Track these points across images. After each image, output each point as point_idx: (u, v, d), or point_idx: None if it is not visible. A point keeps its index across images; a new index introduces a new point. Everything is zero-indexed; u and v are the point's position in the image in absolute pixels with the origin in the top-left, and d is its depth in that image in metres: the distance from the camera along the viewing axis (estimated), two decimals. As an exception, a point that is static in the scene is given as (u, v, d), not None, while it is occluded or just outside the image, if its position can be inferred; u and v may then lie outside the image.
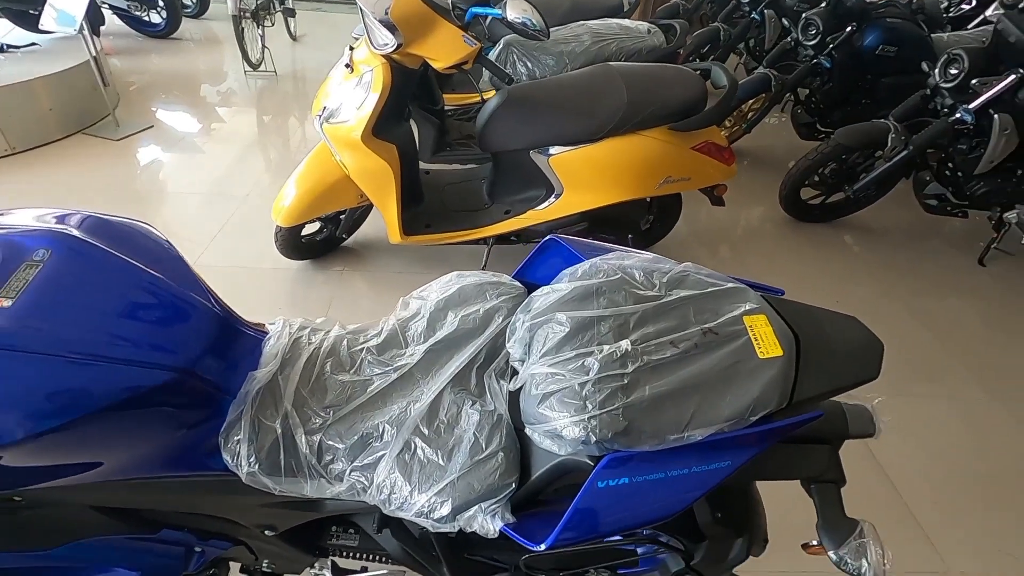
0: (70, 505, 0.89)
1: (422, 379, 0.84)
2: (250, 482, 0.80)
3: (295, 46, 5.60)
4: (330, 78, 2.26)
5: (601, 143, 2.17)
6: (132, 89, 4.41)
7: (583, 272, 0.80)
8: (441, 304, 0.91)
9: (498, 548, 1.07)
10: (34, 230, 0.78)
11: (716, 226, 3.19)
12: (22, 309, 0.69)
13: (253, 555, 1.12)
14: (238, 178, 3.29)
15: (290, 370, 0.84)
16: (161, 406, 0.76)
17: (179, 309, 0.79)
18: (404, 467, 0.76)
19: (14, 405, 0.66)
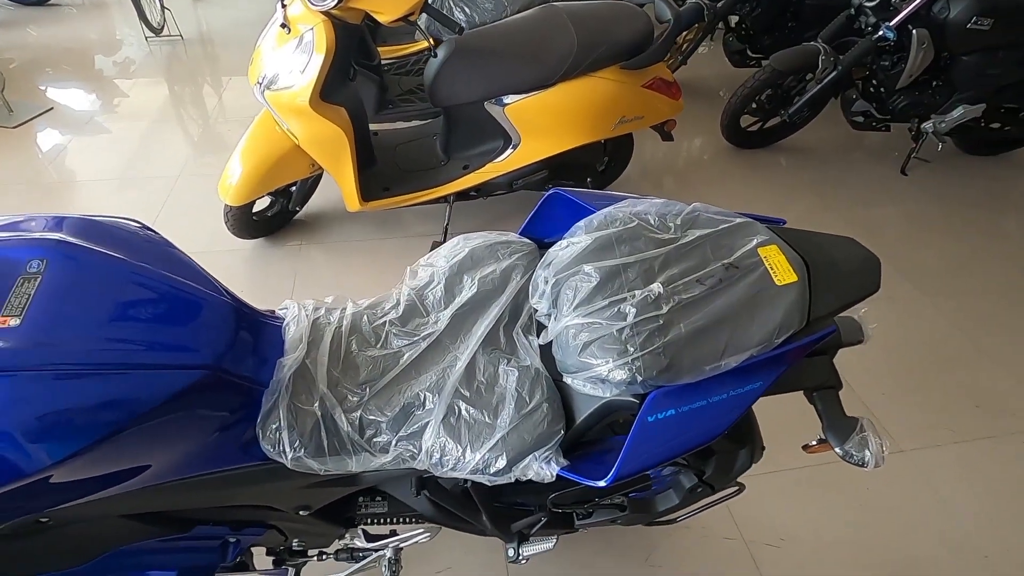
0: (99, 518, 0.87)
1: (452, 344, 0.85)
2: (295, 467, 0.80)
3: (197, 5, 5.10)
4: (263, 40, 2.10)
5: (555, 88, 2.16)
6: (13, 67, 3.92)
7: (599, 223, 0.82)
8: (455, 268, 0.92)
9: (523, 492, 1.13)
10: (21, 240, 0.72)
11: (662, 161, 3.27)
12: (33, 327, 0.65)
13: (283, 537, 1.13)
14: (162, 157, 3.05)
15: (316, 352, 0.84)
16: (194, 406, 0.74)
17: (195, 306, 0.76)
18: (451, 430, 0.79)
19: (49, 427, 0.63)
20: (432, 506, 1.09)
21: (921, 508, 1.69)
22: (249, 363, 0.79)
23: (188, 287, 0.77)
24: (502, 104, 2.19)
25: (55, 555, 0.87)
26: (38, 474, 0.65)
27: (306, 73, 1.88)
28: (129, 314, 0.71)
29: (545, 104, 2.17)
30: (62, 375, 0.64)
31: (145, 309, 0.72)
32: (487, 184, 2.40)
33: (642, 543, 1.59)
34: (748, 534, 1.62)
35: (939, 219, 2.88)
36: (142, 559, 0.96)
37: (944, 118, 2.87)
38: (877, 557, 1.58)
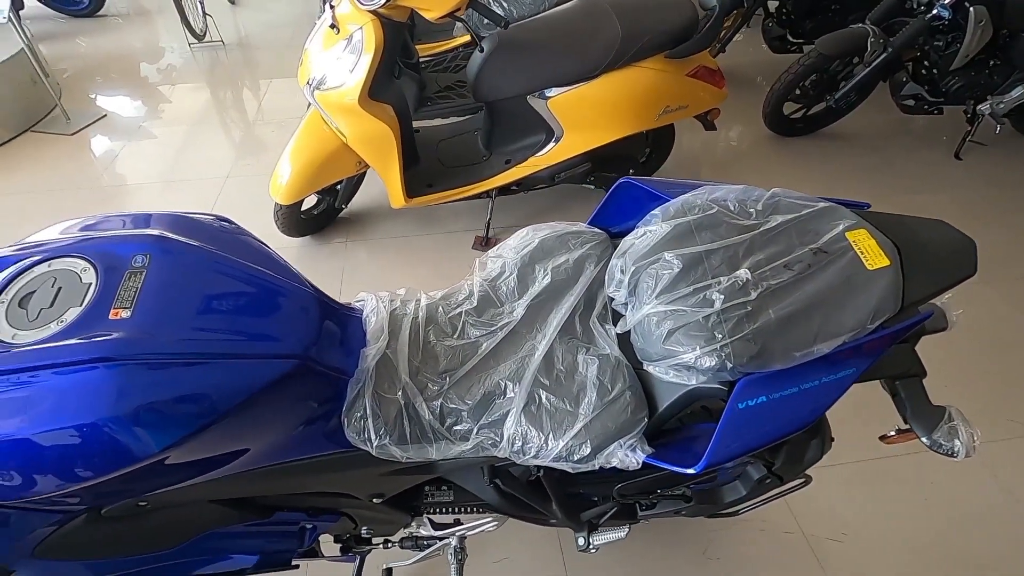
0: (191, 503, 0.91)
1: (528, 334, 0.86)
2: (380, 454, 0.82)
3: (235, 10, 5.23)
4: (311, 43, 2.14)
5: (598, 80, 2.15)
6: (66, 76, 4.08)
7: (676, 210, 0.82)
8: (526, 259, 0.93)
9: (589, 483, 1.13)
10: (125, 237, 0.75)
11: (700, 151, 3.22)
12: (143, 319, 0.68)
13: (353, 524, 1.16)
14: (209, 160, 3.14)
15: (396, 343, 0.85)
16: (285, 395, 0.76)
17: (285, 298, 0.79)
18: (533, 418, 0.80)
19: (161, 414, 0.66)
20: (499, 495, 1.11)
21: (986, 502, 1.63)
22: (334, 353, 0.81)
23: (277, 280, 0.80)
24: (545, 97, 2.19)
25: (152, 537, 0.92)
26: (148, 459, 0.68)
27: (355, 72, 1.92)
28: (226, 306, 0.74)
29: (588, 96, 2.16)
30: (170, 364, 0.67)
31: (240, 301, 0.75)
32: (529, 178, 2.40)
33: (698, 535, 1.58)
34: (809, 528, 1.59)
35: (995, 204, 2.76)
36: (227, 543, 1.00)
37: (1003, 99, 2.75)
38: (941, 552, 1.53)
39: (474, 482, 1.12)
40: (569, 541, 1.57)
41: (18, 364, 0.64)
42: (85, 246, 0.74)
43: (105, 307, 0.68)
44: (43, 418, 0.63)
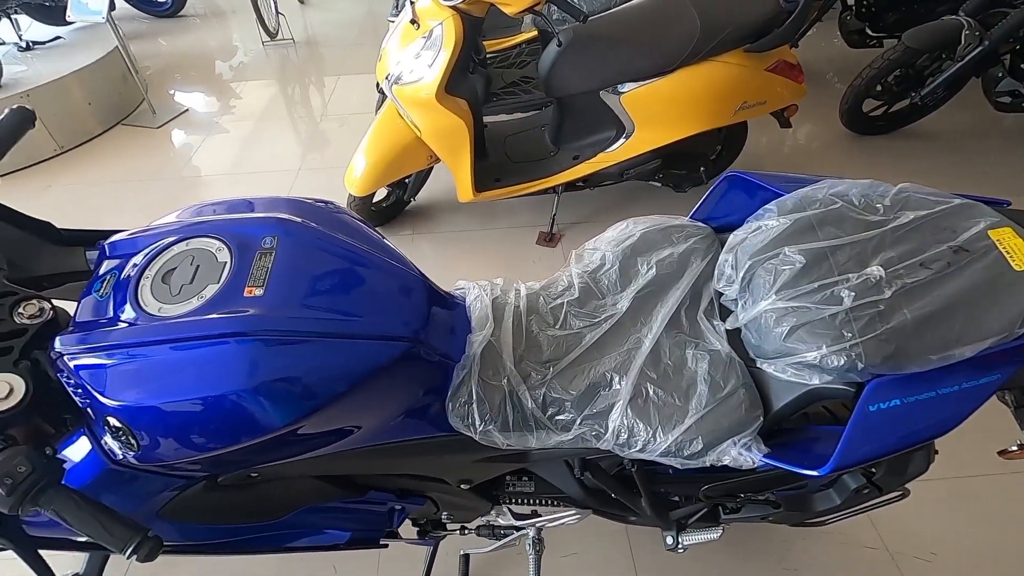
0: (297, 477, 0.95)
1: (633, 327, 0.86)
2: (482, 440, 0.83)
3: (304, 9, 5.41)
4: (389, 40, 2.20)
5: (674, 74, 2.11)
6: (149, 74, 4.32)
7: (794, 204, 0.79)
8: (628, 252, 0.92)
9: (674, 482, 1.12)
10: (255, 219, 0.79)
11: (768, 150, 3.11)
12: (275, 297, 0.71)
13: (435, 509, 1.18)
14: (283, 153, 3.27)
15: (499, 331, 0.86)
16: (397, 376, 0.78)
17: (399, 282, 0.81)
18: (639, 411, 0.79)
19: (288, 389, 0.69)
20: (583, 489, 1.11)
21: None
22: (441, 338, 0.83)
23: (392, 264, 0.82)
24: (618, 92, 2.16)
25: (259, 507, 0.96)
26: (274, 432, 0.72)
27: (434, 67, 1.95)
28: (348, 288, 0.76)
29: (663, 91, 2.12)
30: (300, 342, 0.70)
31: (360, 284, 0.78)
32: (597, 174, 2.38)
33: (774, 543, 1.53)
34: (894, 545, 1.51)
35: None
36: (324, 518, 1.04)
37: (1114, 96, 2.54)
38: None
39: (558, 475, 1.12)
40: (640, 540, 1.55)
41: (166, 335, 0.68)
42: (219, 227, 0.79)
43: (240, 285, 0.72)
44: (186, 387, 0.67)
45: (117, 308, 0.73)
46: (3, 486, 0.60)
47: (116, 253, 0.81)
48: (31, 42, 3.53)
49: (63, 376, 0.72)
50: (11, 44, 3.53)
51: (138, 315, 0.71)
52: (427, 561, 1.44)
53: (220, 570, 1.53)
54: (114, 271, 0.78)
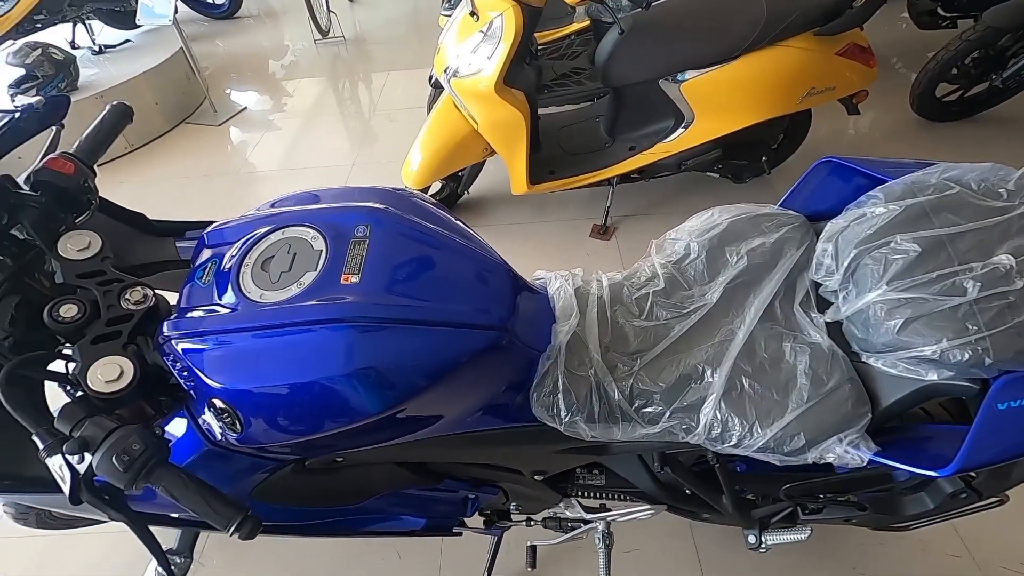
0: (379, 463, 0.96)
1: (724, 318, 0.83)
2: (567, 431, 0.83)
3: (353, 7, 5.50)
4: (446, 35, 2.21)
5: (738, 61, 2.04)
6: (208, 74, 4.48)
7: (903, 190, 0.75)
8: (715, 241, 0.89)
9: (753, 479, 1.08)
10: (348, 208, 0.80)
11: (835, 138, 2.98)
12: (370, 285, 0.72)
13: (505, 498, 1.19)
14: (336, 148, 3.34)
15: (584, 321, 0.85)
16: (486, 365, 0.79)
17: (487, 271, 0.81)
18: (734, 405, 0.77)
19: (385, 376, 0.70)
20: (656, 484, 1.09)
21: None
22: (527, 328, 0.83)
23: (478, 253, 0.82)
24: (678, 81, 2.11)
25: (342, 492, 0.99)
26: (369, 418, 0.73)
27: (493, 59, 1.95)
28: (439, 276, 0.77)
29: (726, 79, 2.05)
30: (396, 329, 0.71)
31: (450, 272, 0.78)
32: (653, 165, 2.34)
33: (848, 545, 1.48)
34: (980, 553, 1.43)
35: None
36: (401, 504, 1.06)
37: None
38: None
39: (631, 469, 1.11)
40: (704, 537, 1.52)
41: (269, 321, 0.70)
42: (313, 216, 0.80)
43: (337, 272, 0.73)
44: (290, 372, 0.69)
45: (220, 294, 0.75)
46: (120, 463, 0.63)
47: (215, 242, 0.84)
48: (103, 46, 3.71)
49: (169, 360, 0.75)
50: (86, 48, 3.73)
51: (241, 301, 0.73)
52: (491, 550, 1.45)
53: (287, 552, 1.59)
54: (214, 259, 0.81)
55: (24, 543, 1.67)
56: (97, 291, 0.77)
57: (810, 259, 0.84)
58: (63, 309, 0.73)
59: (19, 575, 1.61)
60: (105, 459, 0.63)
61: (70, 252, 0.81)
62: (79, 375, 0.69)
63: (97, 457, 0.64)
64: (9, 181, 0.82)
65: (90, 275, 0.79)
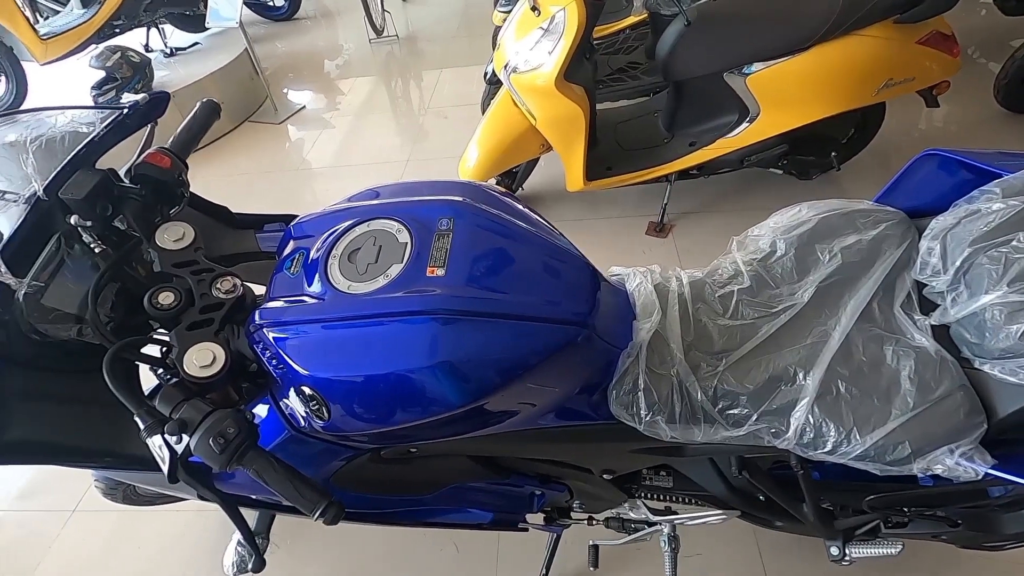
0: (452, 455, 0.97)
1: (816, 319, 0.80)
2: (647, 431, 0.81)
3: (406, 6, 5.59)
4: (505, 32, 2.21)
5: (810, 52, 1.95)
6: (268, 74, 4.63)
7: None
8: (804, 239, 0.85)
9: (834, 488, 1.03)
10: (431, 201, 0.81)
11: (907, 131, 2.82)
12: (457, 277, 0.72)
13: (568, 496, 1.17)
14: (391, 145, 3.40)
15: (665, 319, 0.83)
16: (567, 361, 0.78)
17: (569, 266, 0.80)
18: (828, 410, 0.73)
19: (471, 369, 0.70)
20: (728, 489, 1.05)
21: None
22: (607, 324, 0.81)
23: (559, 247, 0.81)
24: (744, 74, 2.04)
25: (414, 482, 1.00)
26: (451, 410, 0.73)
27: (554, 54, 1.93)
28: (522, 270, 0.76)
29: (796, 71, 1.97)
30: (483, 322, 0.71)
31: (533, 266, 0.77)
32: (714, 161, 2.27)
33: (925, 560, 1.39)
34: (1080, 577, 1.33)
35: None
36: (470, 497, 1.07)
37: None
38: None
39: (702, 472, 1.07)
40: (770, 544, 1.47)
41: (357, 311, 0.71)
42: (397, 209, 0.81)
43: (422, 265, 0.74)
44: (377, 361, 0.70)
45: (309, 285, 0.77)
46: (217, 445, 0.66)
47: (301, 234, 0.86)
48: (174, 49, 3.90)
49: (259, 347, 0.78)
50: (158, 51, 3.93)
51: (329, 292, 0.75)
52: (549, 548, 1.44)
53: (349, 539, 1.63)
54: (301, 251, 0.83)
55: (102, 517, 1.78)
56: (191, 280, 0.81)
57: (911, 258, 0.79)
58: (161, 296, 0.77)
59: (102, 546, 1.72)
60: (203, 441, 0.66)
61: (166, 242, 0.84)
62: (176, 360, 0.73)
63: (195, 439, 0.66)
64: (113, 175, 0.86)
65: (184, 264, 0.82)
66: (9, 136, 0.90)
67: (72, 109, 0.90)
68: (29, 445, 0.83)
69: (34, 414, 0.85)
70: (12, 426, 0.82)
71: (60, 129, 0.84)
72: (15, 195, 0.85)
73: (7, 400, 0.81)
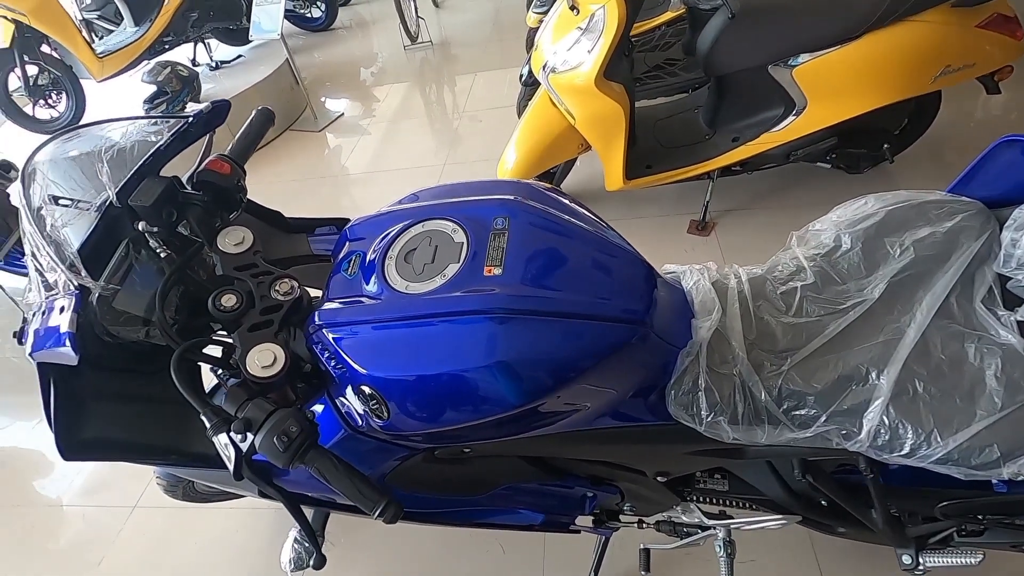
0: (505, 456, 0.97)
1: (889, 315, 0.76)
2: (707, 432, 0.79)
3: (439, 13, 5.65)
4: (543, 34, 2.20)
5: (861, 40, 1.88)
6: (307, 83, 4.75)
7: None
8: (871, 232, 0.82)
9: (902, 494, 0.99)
10: (486, 201, 0.81)
11: (962, 120, 2.68)
12: (515, 276, 0.72)
13: (620, 498, 1.15)
14: (428, 149, 3.43)
15: (725, 316, 0.81)
16: (624, 360, 0.76)
17: (626, 264, 0.79)
18: (905, 411, 0.70)
19: (530, 369, 0.70)
20: (788, 493, 1.02)
21: None
22: (665, 323, 0.79)
23: (615, 245, 0.80)
24: (790, 66, 1.98)
25: (467, 482, 1.00)
26: (510, 410, 0.73)
27: (593, 52, 1.92)
28: (579, 268, 0.75)
29: (846, 60, 1.90)
30: (541, 321, 0.70)
31: (590, 264, 0.76)
32: (758, 157, 2.21)
33: (1005, 570, 1.31)
34: None
35: None
36: (522, 498, 1.06)
37: None
38: None
39: (759, 475, 1.04)
40: (827, 550, 1.42)
41: (416, 311, 0.72)
42: (451, 209, 0.81)
43: (479, 264, 0.74)
44: (437, 361, 0.70)
45: (366, 286, 0.78)
46: (280, 443, 0.67)
47: (356, 236, 0.88)
48: (219, 62, 4.04)
49: (317, 347, 0.79)
50: (204, 65, 4.08)
51: (387, 292, 0.75)
52: (597, 551, 1.42)
53: (396, 539, 1.64)
54: (358, 252, 0.84)
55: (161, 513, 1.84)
56: (251, 282, 0.82)
57: (993, 250, 0.75)
58: (224, 299, 0.79)
59: (161, 541, 1.78)
60: (267, 439, 0.67)
61: (227, 246, 0.87)
62: (240, 360, 0.74)
63: (260, 437, 0.68)
64: (177, 182, 0.89)
65: (244, 268, 0.85)
66: (81, 148, 0.95)
67: (139, 119, 0.93)
68: (105, 443, 0.86)
69: (108, 413, 0.88)
70: (89, 425, 0.85)
71: (131, 139, 0.87)
72: (87, 203, 0.89)
73: (84, 400, 0.85)
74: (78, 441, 0.85)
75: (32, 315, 0.84)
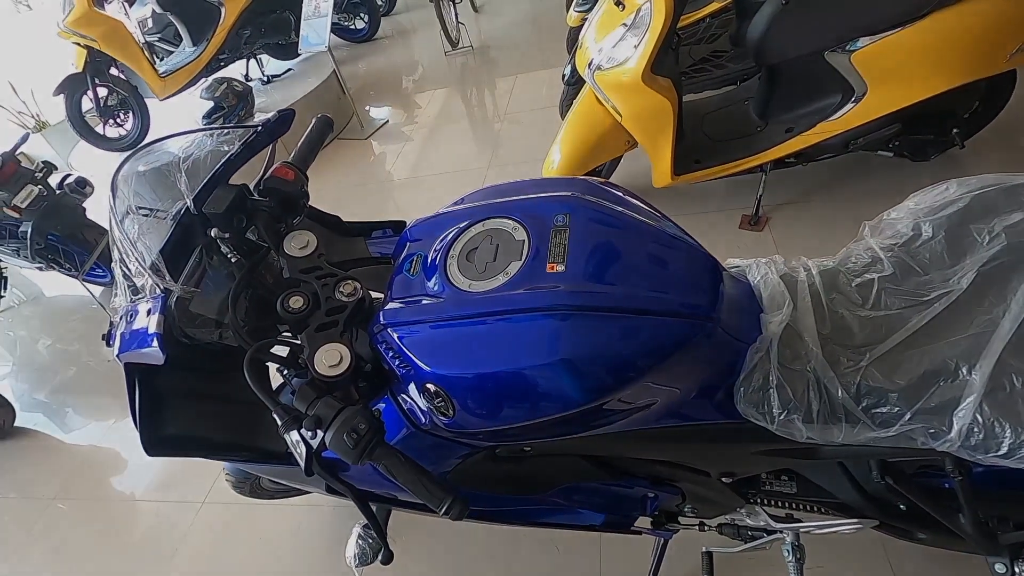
0: (566, 455, 0.96)
1: (979, 307, 0.71)
2: (780, 431, 0.76)
3: (478, 17, 5.70)
4: (587, 32, 2.19)
5: (925, 21, 1.78)
6: (353, 92, 4.88)
7: None
8: (954, 219, 0.77)
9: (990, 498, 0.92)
10: (545, 198, 0.81)
11: None
12: (578, 272, 0.71)
13: (681, 499, 1.13)
14: (471, 152, 3.47)
15: (796, 311, 0.78)
16: (691, 357, 0.74)
17: (690, 258, 0.77)
18: (1001, 408, 0.65)
19: (597, 367, 0.69)
20: (862, 496, 0.97)
21: None
22: (732, 318, 0.77)
23: (678, 239, 0.79)
24: (848, 51, 1.89)
25: (527, 481, 1.00)
26: (575, 408, 0.72)
27: (640, 47, 1.89)
28: (642, 264, 0.74)
29: (911, 42, 1.80)
30: (606, 318, 0.69)
31: (653, 260, 0.75)
32: (814, 147, 2.13)
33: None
34: None
35: None
36: (582, 498, 1.05)
37: None
38: None
39: (830, 477, 1.00)
40: (901, 555, 1.34)
41: (480, 309, 0.72)
42: (511, 208, 0.82)
43: (542, 262, 0.73)
44: (502, 359, 0.70)
45: (429, 285, 0.79)
46: (350, 440, 0.68)
47: (416, 237, 0.89)
48: (270, 76, 4.21)
49: (382, 347, 0.80)
50: (256, 80, 4.25)
51: (449, 291, 0.76)
52: (656, 553, 1.40)
53: (453, 537, 1.66)
54: (419, 253, 0.85)
55: (228, 509, 1.92)
56: (316, 284, 0.85)
57: None
58: (292, 300, 0.81)
59: (230, 536, 1.86)
60: (337, 436, 0.68)
61: (293, 250, 0.90)
62: (308, 360, 0.76)
63: (330, 434, 0.69)
64: (245, 189, 0.93)
65: (309, 270, 0.87)
66: (156, 162, 1.00)
67: (210, 130, 0.98)
68: (184, 440, 0.91)
69: (186, 412, 0.93)
70: (170, 423, 0.90)
71: (204, 150, 0.92)
72: (164, 212, 0.94)
73: (165, 399, 0.90)
74: (160, 438, 0.90)
75: (119, 319, 0.89)
